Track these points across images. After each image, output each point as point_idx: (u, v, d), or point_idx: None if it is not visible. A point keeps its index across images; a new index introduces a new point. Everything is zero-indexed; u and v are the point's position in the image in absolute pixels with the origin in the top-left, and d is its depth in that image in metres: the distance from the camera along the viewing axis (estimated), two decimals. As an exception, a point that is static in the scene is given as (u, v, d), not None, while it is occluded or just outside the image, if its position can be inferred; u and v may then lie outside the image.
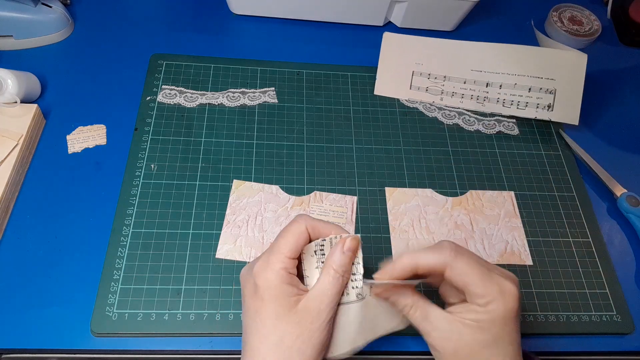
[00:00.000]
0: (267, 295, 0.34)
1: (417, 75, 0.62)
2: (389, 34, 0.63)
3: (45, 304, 0.43)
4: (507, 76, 0.61)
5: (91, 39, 0.62)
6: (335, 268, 0.35)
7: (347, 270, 0.35)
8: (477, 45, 0.62)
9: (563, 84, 0.60)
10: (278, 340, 0.33)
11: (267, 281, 0.34)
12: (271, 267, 0.34)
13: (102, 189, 0.50)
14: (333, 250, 0.35)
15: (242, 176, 0.52)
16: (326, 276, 0.35)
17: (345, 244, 0.35)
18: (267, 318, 0.34)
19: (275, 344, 0.33)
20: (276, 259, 0.34)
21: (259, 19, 0.67)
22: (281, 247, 0.35)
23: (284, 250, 0.35)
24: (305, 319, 0.34)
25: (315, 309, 0.34)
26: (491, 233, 0.51)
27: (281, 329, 0.33)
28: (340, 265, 0.35)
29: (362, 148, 0.56)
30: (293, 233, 0.35)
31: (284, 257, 0.34)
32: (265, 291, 0.34)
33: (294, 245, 0.35)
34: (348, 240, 0.35)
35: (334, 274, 0.35)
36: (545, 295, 0.48)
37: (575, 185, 0.56)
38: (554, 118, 0.59)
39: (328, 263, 0.35)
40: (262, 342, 0.34)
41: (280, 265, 0.34)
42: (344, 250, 0.35)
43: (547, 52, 0.62)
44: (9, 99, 0.51)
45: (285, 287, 0.34)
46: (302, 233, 0.35)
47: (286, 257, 0.35)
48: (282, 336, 0.33)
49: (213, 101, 0.57)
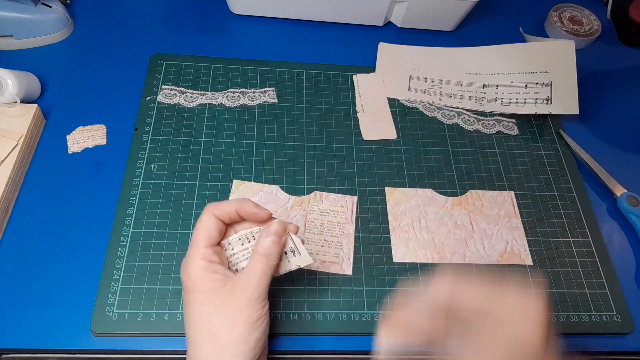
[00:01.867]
0: (192, 286, 0.36)
1: (414, 79, 0.62)
2: (384, 44, 0.65)
3: (45, 304, 0.43)
4: (503, 76, 0.62)
5: (91, 39, 0.62)
6: (260, 252, 0.37)
7: (272, 253, 0.37)
8: (470, 50, 0.64)
9: (557, 75, 0.60)
10: (205, 323, 0.35)
11: (189, 274, 0.36)
12: (190, 260, 0.37)
13: (102, 189, 0.50)
14: (259, 236, 0.38)
15: (242, 176, 0.52)
16: (252, 260, 0.37)
17: (270, 229, 0.38)
18: (194, 305, 0.36)
19: (203, 327, 0.35)
20: (194, 252, 0.37)
21: (259, 19, 0.67)
22: (195, 241, 0.37)
23: (199, 242, 0.37)
24: (230, 298, 0.36)
25: (240, 287, 0.36)
26: (491, 233, 0.51)
27: (207, 311, 0.35)
28: (265, 248, 0.37)
29: (362, 148, 0.56)
30: (202, 225, 0.37)
31: (200, 248, 0.37)
32: (189, 283, 0.36)
33: (206, 234, 0.37)
34: (272, 225, 0.38)
35: (258, 257, 0.37)
36: (545, 295, 0.48)
37: (575, 185, 0.56)
38: (554, 111, 0.59)
39: (255, 249, 0.37)
40: (193, 329, 0.36)
41: (198, 257, 0.36)
42: (266, 235, 0.37)
43: (535, 46, 0.63)
44: (9, 99, 0.51)
45: (207, 274, 0.36)
46: (210, 221, 0.38)
47: (203, 247, 0.37)
48: (208, 318, 0.35)
49: (213, 101, 0.57)
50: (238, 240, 0.39)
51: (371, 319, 0.45)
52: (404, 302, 0.34)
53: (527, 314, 0.31)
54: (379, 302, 0.46)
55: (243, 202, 0.39)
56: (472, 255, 0.50)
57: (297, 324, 0.44)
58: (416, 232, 0.50)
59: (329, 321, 0.45)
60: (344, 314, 0.45)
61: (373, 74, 0.62)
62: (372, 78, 0.62)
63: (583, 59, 0.67)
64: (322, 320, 0.45)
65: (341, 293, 0.46)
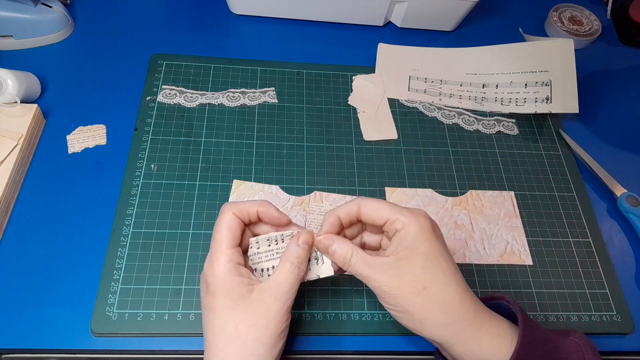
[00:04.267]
0: (218, 290, 0.35)
1: (414, 79, 0.62)
2: (384, 44, 0.65)
3: (45, 304, 0.43)
4: (502, 75, 0.62)
5: (91, 39, 0.62)
6: (292, 259, 0.36)
7: (303, 262, 0.37)
8: (470, 50, 0.64)
9: (557, 74, 0.60)
10: (232, 330, 0.34)
11: (215, 276, 0.35)
12: (216, 262, 0.36)
13: (102, 189, 0.50)
14: (290, 243, 0.37)
15: (242, 176, 0.52)
16: (282, 268, 0.36)
17: (300, 238, 0.37)
18: (220, 311, 0.35)
19: (230, 335, 0.34)
20: (219, 254, 0.36)
21: (259, 19, 0.67)
22: (219, 241, 0.36)
23: (223, 244, 0.36)
24: (260, 307, 0.35)
25: (271, 297, 0.35)
26: (491, 233, 0.51)
27: (235, 319, 0.35)
28: (297, 257, 0.37)
29: (362, 148, 0.56)
30: (224, 225, 0.37)
31: (225, 249, 0.36)
32: (215, 286, 0.35)
33: (230, 235, 0.37)
34: (303, 234, 0.38)
35: (289, 266, 0.36)
36: (545, 295, 0.48)
37: (575, 185, 0.56)
38: (554, 110, 0.59)
39: (285, 256, 0.37)
40: (218, 335, 0.35)
41: (224, 258, 0.36)
42: (299, 244, 0.37)
43: (534, 45, 0.63)
44: (9, 99, 0.51)
45: (234, 278, 0.35)
46: (232, 220, 0.37)
47: (227, 249, 0.36)
48: (236, 325, 0.34)
49: (213, 101, 0.57)
50: (266, 241, 0.38)
51: (371, 319, 0.45)
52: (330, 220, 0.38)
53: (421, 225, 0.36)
54: (379, 302, 0.46)
55: (266, 205, 0.38)
56: (472, 255, 0.50)
57: (297, 324, 0.44)
58: (416, 232, 0.50)
59: (329, 321, 0.45)
60: (344, 314, 0.45)
61: (373, 75, 0.62)
62: (372, 78, 0.62)
63: (583, 59, 0.67)
64: (322, 320, 0.45)
65: (341, 293, 0.46)
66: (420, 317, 0.35)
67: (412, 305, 0.35)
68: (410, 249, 0.35)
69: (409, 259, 0.35)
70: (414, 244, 0.35)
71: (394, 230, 0.37)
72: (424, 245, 0.35)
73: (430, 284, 0.35)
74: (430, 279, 0.35)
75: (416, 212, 0.37)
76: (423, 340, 0.42)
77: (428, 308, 0.35)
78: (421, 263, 0.35)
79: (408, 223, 0.36)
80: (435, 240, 0.36)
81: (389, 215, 0.36)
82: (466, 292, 0.36)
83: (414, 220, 0.36)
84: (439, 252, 0.36)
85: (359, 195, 0.38)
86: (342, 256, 0.37)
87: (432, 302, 0.35)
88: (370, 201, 0.38)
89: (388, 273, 0.36)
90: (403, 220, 0.36)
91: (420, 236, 0.35)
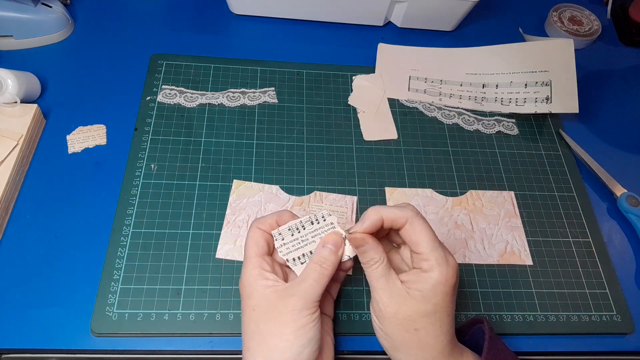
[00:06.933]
0: (244, 294, 0.37)
1: (414, 79, 0.62)
2: (384, 44, 0.65)
3: (45, 304, 0.43)
4: (502, 75, 0.62)
5: (91, 39, 0.62)
6: (315, 259, 0.37)
7: (327, 261, 0.37)
8: (470, 50, 0.64)
9: (557, 73, 0.60)
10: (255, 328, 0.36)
11: (242, 282, 0.38)
12: (245, 271, 0.38)
13: (102, 189, 0.50)
14: (317, 246, 0.38)
15: (242, 176, 0.52)
16: (307, 267, 0.38)
17: (328, 238, 0.38)
18: (247, 310, 0.37)
19: (254, 332, 0.36)
20: (247, 263, 0.38)
21: (259, 19, 0.67)
22: (247, 253, 0.39)
23: (251, 254, 0.38)
24: (281, 304, 0.36)
25: (292, 293, 0.36)
26: (491, 233, 0.51)
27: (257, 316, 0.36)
28: (321, 257, 0.37)
29: (362, 148, 0.56)
30: (251, 239, 0.39)
31: (252, 259, 0.38)
32: (242, 291, 0.38)
33: (255, 246, 0.39)
34: (330, 236, 0.38)
35: (312, 265, 0.37)
36: (545, 295, 0.48)
37: (575, 185, 0.56)
38: (554, 109, 0.59)
39: (312, 257, 0.38)
40: (245, 334, 0.37)
41: (251, 266, 0.38)
42: (325, 243, 0.38)
43: (534, 45, 0.63)
44: (9, 99, 0.51)
45: (258, 281, 0.37)
46: (257, 233, 0.39)
47: (254, 258, 0.38)
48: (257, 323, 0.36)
49: (213, 101, 0.57)
50: (288, 231, 0.40)
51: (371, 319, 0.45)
52: None
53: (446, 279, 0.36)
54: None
55: (280, 213, 0.40)
56: (472, 255, 0.50)
57: (297, 324, 0.44)
58: (416, 232, 0.50)
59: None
60: (344, 314, 0.45)
61: (373, 75, 0.62)
62: (372, 78, 0.62)
63: (583, 59, 0.67)
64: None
65: (341, 293, 0.46)
66: (400, 347, 0.37)
67: (397, 336, 0.37)
68: (423, 293, 0.35)
69: (416, 300, 0.36)
70: (430, 291, 0.35)
71: (419, 261, 0.37)
72: (438, 296, 0.35)
73: (424, 329, 0.36)
74: (425, 325, 0.36)
75: (450, 261, 0.36)
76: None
77: (411, 345, 0.36)
78: (426, 309, 0.36)
79: (436, 269, 0.35)
80: (450, 296, 0.36)
81: (424, 250, 0.36)
82: (451, 341, 0.37)
83: (443, 270, 0.35)
84: (447, 306, 0.36)
85: (410, 209, 0.37)
86: (370, 258, 0.37)
87: (417, 342, 0.36)
88: (419, 224, 0.37)
89: (394, 298, 0.36)
90: (433, 265, 0.35)
91: (438, 288, 0.35)
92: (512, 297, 0.48)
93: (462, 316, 0.46)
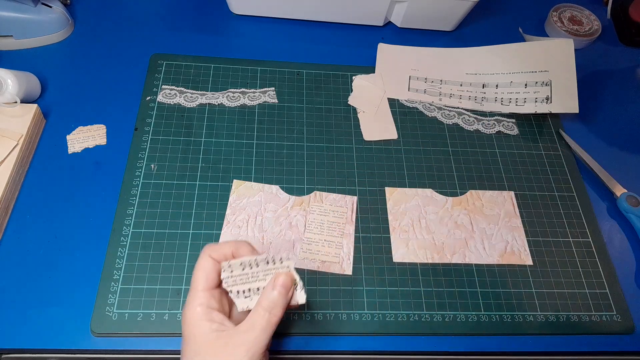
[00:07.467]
0: (186, 334, 0.35)
1: (414, 79, 0.62)
2: (383, 44, 0.65)
3: (45, 304, 0.43)
4: (502, 75, 0.62)
5: (91, 39, 0.62)
6: (264, 305, 0.35)
7: (277, 306, 0.35)
8: (469, 50, 0.64)
9: (557, 73, 0.60)
10: None
11: (185, 319, 0.35)
12: (189, 306, 0.35)
13: (102, 189, 0.50)
14: (266, 286, 0.36)
15: (242, 176, 0.52)
16: (254, 313, 0.35)
17: (277, 281, 0.35)
18: (187, 355, 0.34)
19: None
20: (192, 297, 0.35)
21: (259, 19, 0.67)
22: (194, 284, 0.36)
23: (198, 286, 0.35)
24: (224, 354, 0.33)
25: (237, 344, 0.33)
26: (491, 233, 0.51)
27: None
28: (271, 301, 0.35)
29: (362, 148, 0.56)
30: (200, 267, 0.36)
31: (198, 292, 0.35)
32: (184, 330, 0.35)
33: (204, 278, 0.36)
34: (280, 277, 0.35)
35: (261, 312, 0.34)
36: (545, 295, 0.48)
37: (575, 185, 0.56)
38: (554, 109, 0.59)
39: (259, 301, 0.35)
40: None
41: (196, 302, 0.35)
42: (275, 286, 0.35)
43: (534, 45, 0.63)
44: (9, 99, 0.51)
45: (202, 323, 0.34)
46: (207, 263, 0.36)
47: (201, 291, 0.35)
48: None
49: (213, 101, 0.57)
50: (239, 265, 0.37)
51: (371, 319, 0.45)
52: None
53: None
54: (379, 302, 0.46)
55: (239, 245, 0.37)
56: (472, 255, 0.50)
57: (297, 324, 0.44)
58: (416, 232, 0.50)
59: (329, 321, 0.45)
60: (344, 314, 0.45)
61: (373, 75, 0.62)
62: (372, 78, 0.62)
63: (583, 59, 0.67)
64: (322, 320, 0.45)
65: (341, 293, 0.46)
66: None
67: None
68: None
69: None
70: None
71: None
72: None
73: None
74: None
75: None
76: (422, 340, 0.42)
77: None
78: None
79: None
80: None
81: None
82: None
83: None
84: None
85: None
86: None
87: None
88: None
89: None
90: None
91: None
92: (512, 297, 0.48)
93: (462, 316, 0.46)
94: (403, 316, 0.46)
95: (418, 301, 0.46)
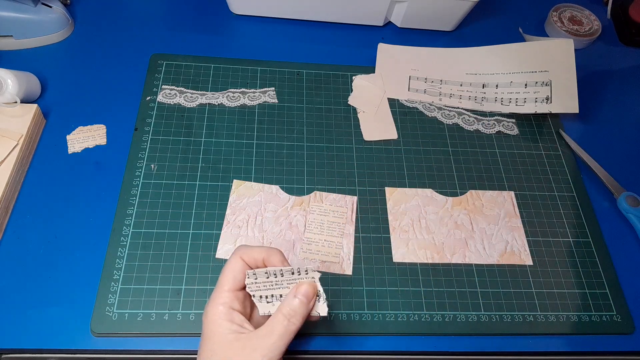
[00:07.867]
0: (208, 332, 0.35)
1: (414, 79, 0.62)
2: (383, 44, 0.65)
3: (45, 304, 0.43)
4: (502, 75, 0.62)
5: (91, 39, 0.62)
6: (284, 312, 0.35)
7: (297, 314, 0.35)
8: (469, 50, 0.64)
9: (557, 73, 0.60)
10: None
11: (207, 318, 0.35)
12: (212, 304, 0.36)
13: (102, 189, 0.50)
14: (288, 294, 0.36)
15: (242, 176, 0.52)
16: (274, 318, 0.35)
17: (300, 288, 0.35)
18: (205, 353, 0.34)
19: None
20: (216, 295, 0.36)
21: (259, 19, 0.67)
22: (220, 283, 0.36)
23: (224, 285, 0.36)
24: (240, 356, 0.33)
25: (255, 347, 0.33)
26: (491, 233, 0.51)
27: None
28: (291, 309, 0.35)
29: (362, 148, 0.56)
30: (229, 267, 0.36)
31: (224, 292, 0.36)
32: (207, 328, 0.35)
33: (232, 278, 0.36)
34: (303, 285, 0.36)
35: (280, 318, 0.35)
36: (545, 295, 0.48)
37: (575, 185, 0.56)
38: (554, 109, 0.59)
39: (280, 307, 0.35)
40: None
41: (220, 301, 0.35)
42: (297, 294, 0.35)
43: (534, 45, 0.63)
44: (9, 99, 0.51)
45: (223, 322, 0.35)
46: (237, 264, 0.36)
47: (226, 291, 0.36)
48: None
49: (213, 101, 0.57)
50: (264, 274, 0.36)
51: (371, 319, 0.45)
52: None
53: None
54: (379, 302, 0.46)
55: (271, 252, 0.37)
56: (472, 255, 0.50)
57: (297, 324, 0.44)
58: (416, 232, 0.50)
59: (328, 321, 0.45)
60: (344, 314, 0.45)
61: (373, 75, 0.62)
62: (372, 78, 0.62)
63: (583, 59, 0.67)
64: (321, 320, 0.45)
65: (341, 293, 0.46)
66: None
67: None
68: None
69: None
70: None
71: None
72: None
73: None
74: None
75: None
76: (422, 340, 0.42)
77: None
78: None
79: None
80: None
81: None
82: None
83: None
84: None
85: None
86: None
87: None
88: None
89: None
90: None
91: None
92: (512, 297, 0.48)
93: (462, 316, 0.46)
94: (403, 316, 0.46)
95: (418, 301, 0.46)
